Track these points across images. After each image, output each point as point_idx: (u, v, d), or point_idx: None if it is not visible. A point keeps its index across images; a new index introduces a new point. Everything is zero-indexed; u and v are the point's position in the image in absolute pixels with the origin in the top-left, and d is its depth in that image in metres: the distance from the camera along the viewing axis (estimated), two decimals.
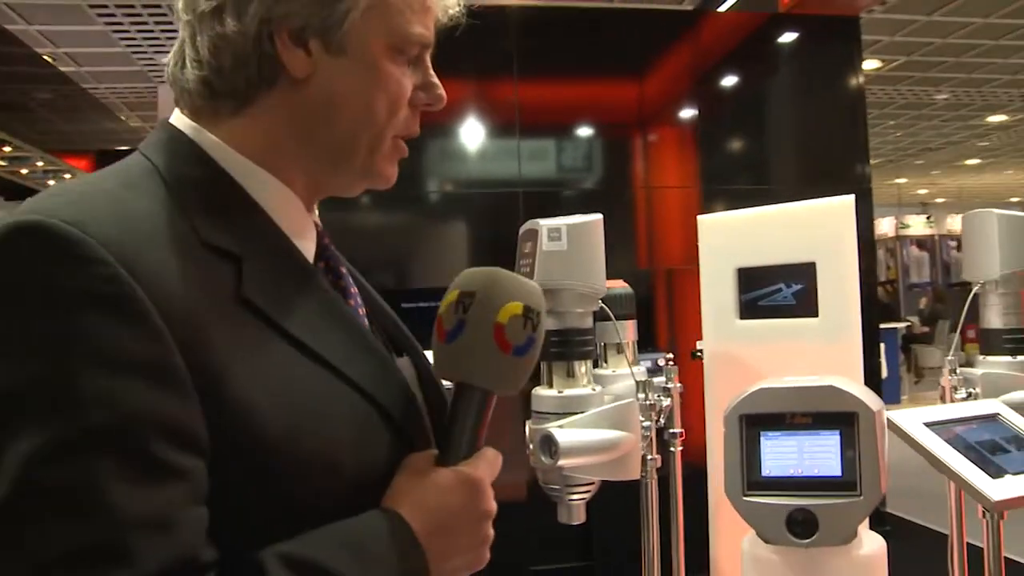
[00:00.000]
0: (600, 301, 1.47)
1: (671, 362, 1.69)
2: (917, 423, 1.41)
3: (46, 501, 0.60)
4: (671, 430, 1.65)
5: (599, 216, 1.43)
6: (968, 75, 9.27)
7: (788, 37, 5.16)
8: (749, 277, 1.65)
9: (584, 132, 4.91)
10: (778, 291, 1.62)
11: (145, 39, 7.21)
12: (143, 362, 0.65)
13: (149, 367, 0.65)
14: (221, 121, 0.82)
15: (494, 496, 0.82)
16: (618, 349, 1.71)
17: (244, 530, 0.69)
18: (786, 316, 1.60)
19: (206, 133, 0.82)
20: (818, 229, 1.58)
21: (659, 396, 1.56)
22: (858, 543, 1.15)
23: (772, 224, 1.65)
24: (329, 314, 0.82)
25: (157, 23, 6.80)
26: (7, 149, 6.78)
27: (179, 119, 0.84)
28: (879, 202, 12.70)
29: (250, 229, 0.79)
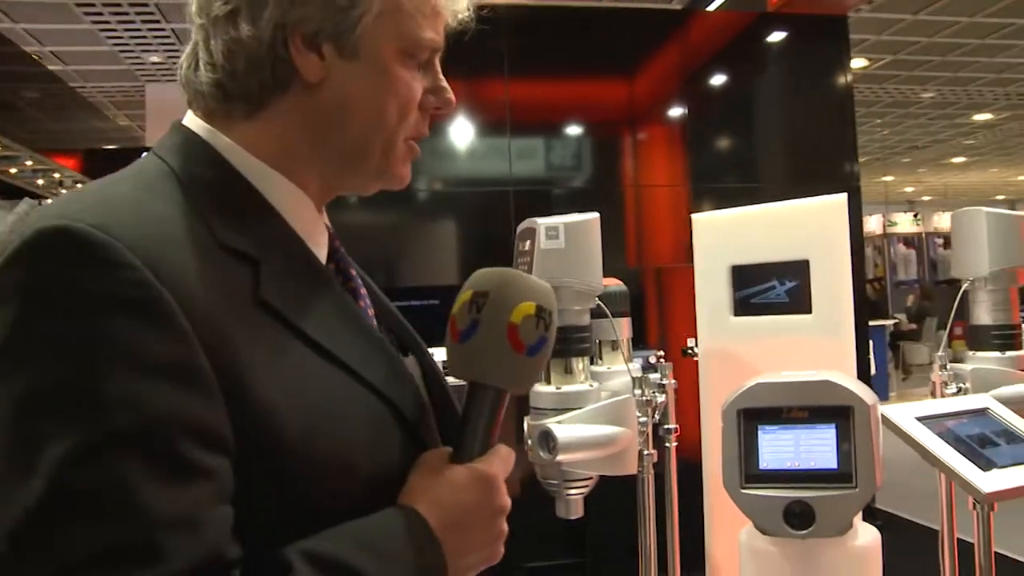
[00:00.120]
0: (597, 298, 1.48)
1: (663, 359, 1.71)
2: (909, 417, 1.43)
3: (77, 503, 0.61)
4: (666, 426, 1.66)
5: (596, 215, 1.45)
6: (954, 74, 9.35)
7: (776, 36, 5.19)
8: (743, 275, 1.67)
9: (574, 131, 4.93)
10: (772, 288, 1.64)
11: (132, 38, 7.19)
12: (169, 364, 0.65)
13: (175, 369, 0.66)
14: (235, 124, 0.83)
15: None
16: (613, 346, 1.73)
17: (265, 529, 0.70)
18: (780, 313, 1.61)
19: (220, 135, 0.82)
20: (811, 227, 1.60)
21: (655, 392, 1.58)
22: (853, 534, 1.17)
23: (765, 222, 1.67)
24: (344, 316, 0.83)
25: (144, 22, 6.78)
26: None
27: (192, 121, 0.84)
28: (866, 200, 12.76)
29: (266, 232, 0.80)
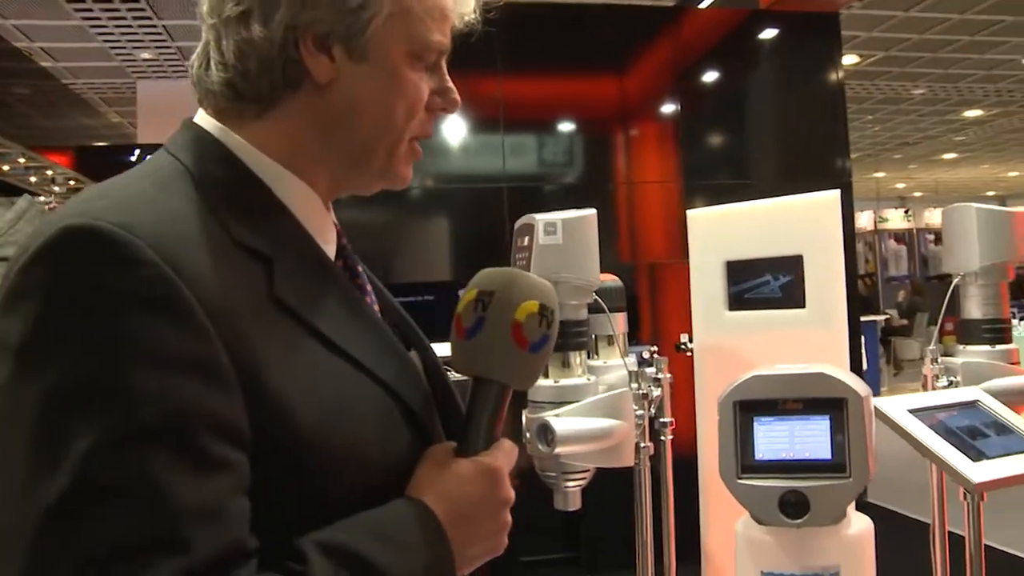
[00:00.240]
0: (594, 294, 1.50)
1: (657, 355, 1.73)
2: (901, 410, 1.45)
3: (103, 495, 0.63)
4: (662, 419, 1.69)
5: (593, 211, 1.47)
6: (945, 70, 9.39)
7: (768, 33, 5.21)
8: (737, 270, 1.69)
9: (568, 127, 4.95)
10: (766, 283, 1.66)
11: (123, 34, 7.16)
12: (190, 360, 0.67)
13: (196, 365, 0.67)
14: (246, 123, 0.84)
15: None
16: (609, 341, 1.75)
17: (280, 520, 0.71)
18: (774, 307, 1.64)
19: (232, 134, 0.84)
20: (805, 223, 1.62)
21: (650, 386, 1.60)
22: (847, 523, 1.20)
23: (760, 218, 1.69)
24: (354, 313, 0.85)
25: (135, 18, 6.76)
26: None
27: (204, 119, 0.86)
28: (857, 196, 12.83)
29: (278, 229, 0.81)
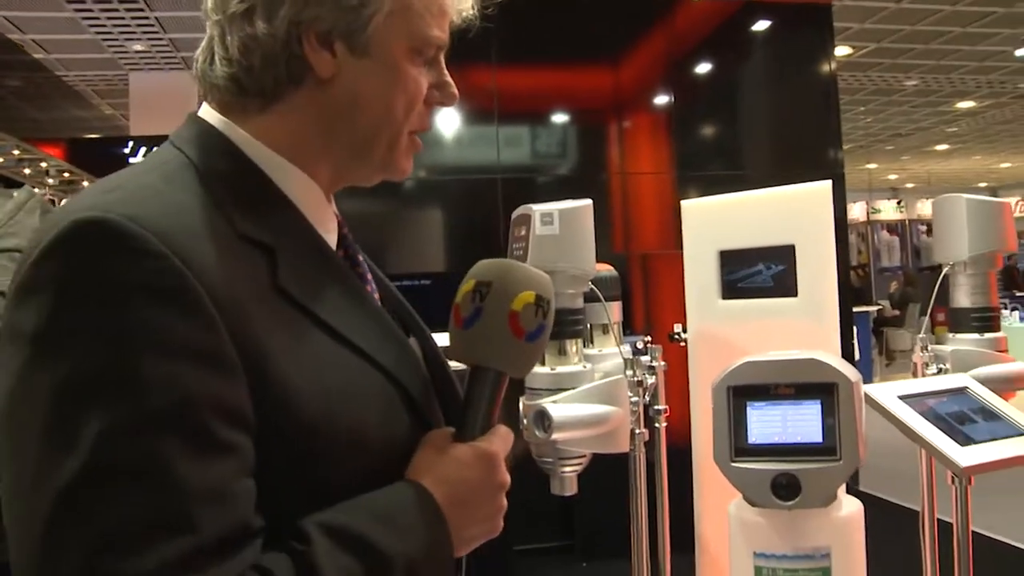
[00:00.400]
0: (589, 283, 1.53)
1: (650, 344, 1.76)
2: (891, 396, 1.48)
3: (114, 478, 0.65)
4: (656, 407, 1.71)
5: (589, 202, 1.49)
6: (937, 62, 9.42)
7: (761, 24, 5.23)
8: (731, 259, 1.71)
9: (562, 118, 4.96)
10: (758, 273, 1.69)
11: (115, 26, 7.14)
12: (199, 348, 0.69)
13: (204, 353, 0.70)
14: (249, 117, 0.86)
15: None
16: (604, 329, 1.77)
17: (283, 502, 0.74)
18: (766, 296, 1.66)
19: (236, 128, 0.86)
20: (797, 213, 1.64)
21: (645, 374, 1.62)
22: (838, 505, 1.22)
23: (753, 208, 1.72)
24: (355, 301, 0.87)
25: (128, 10, 6.74)
26: None
27: (209, 113, 0.88)
28: (850, 187, 12.87)
29: (281, 221, 0.84)
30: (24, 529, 0.66)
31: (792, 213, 1.65)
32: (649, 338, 1.82)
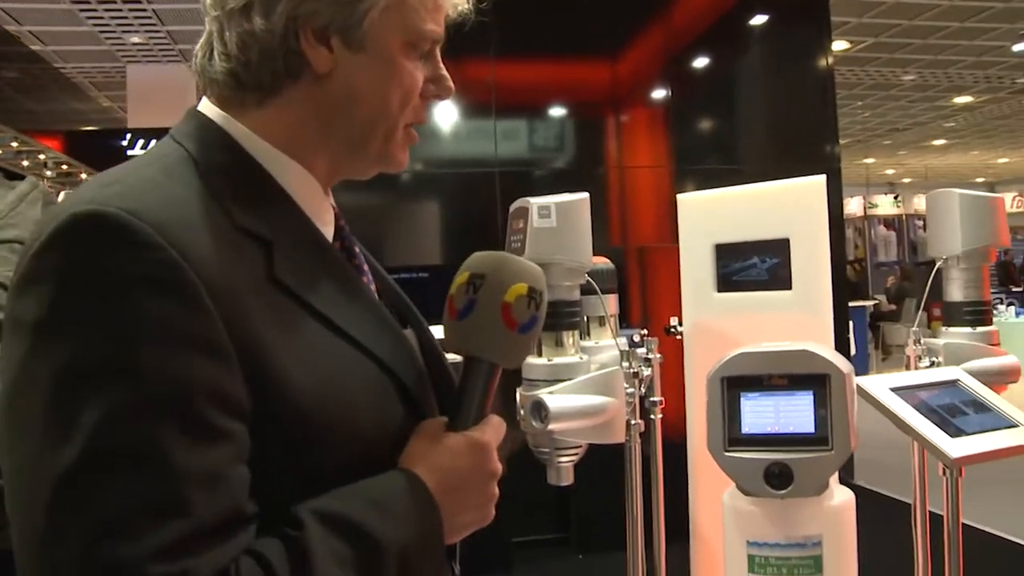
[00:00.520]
0: (586, 275, 1.54)
1: (646, 336, 1.78)
2: (884, 388, 1.50)
3: (114, 461, 0.67)
4: (652, 398, 1.73)
5: (585, 195, 1.51)
6: (935, 56, 9.43)
7: (758, 19, 5.23)
8: (726, 252, 1.73)
9: (559, 112, 4.97)
10: (753, 266, 1.70)
11: (113, 18, 7.14)
12: (195, 337, 0.71)
13: (200, 342, 0.71)
14: (248, 111, 0.88)
15: None
16: (601, 322, 1.79)
17: (277, 489, 0.76)
18: (761, 289, 1.68)
19: (235, 122, 0.87)
20: (791, 207, 1.66)
21: (641, 365, 1.64)
22: (829, 494, 1.24)
23: (748, 202, 1.73)
24: (350, 292, 0.89)
25: (125, 2, 6.74)
26: None
27: (208, 108, 0.89)
28: (847, 182, 12.86)
29: (278, 214, 0.85)
30: (25, 515, 0.68)
31: (787, 207, 1.66)
32: (646, 331, 1.84)
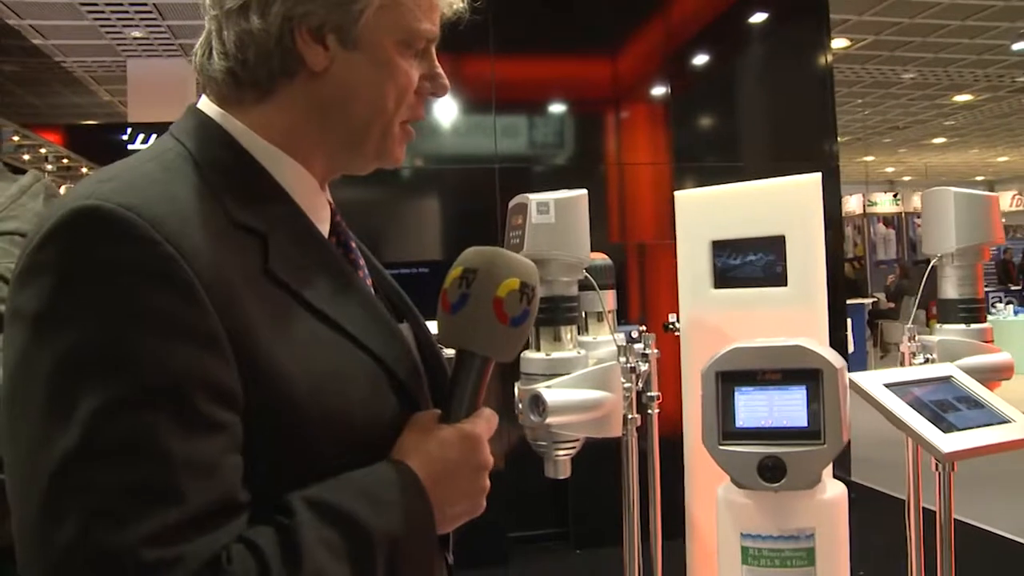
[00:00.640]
0: (584, 271, 1.56)
1: (644, 332, 1.79)
2: (878, 384, 1.52)
3: (108, 451, 0.69)
4: (649, 393, 1.75)
5: (584, 191, 1.52)
6: (935, 55, 9.44)
7: (758, 16, 5.24)
8: (723, 249, 1.75)
9: (559, 108, 4.98)
10: (750, 262, 1.72)
11: (113, 12, 7.14)
12: (191, 329, 0.73)
13: (196, 333, 0.73)
14: (246, 108, 0.90)
15: None
16: (599, 318, 1.81)
17: (270, 478, 0.77)
18: (757, 285, 1.70)
19: (233, 119, 0.89)
20: (787, 204, 1.68)
21: (638, 361, 1.66)
22: (822, 488, 1.26)
23: (744, 199, 1.75)
24: (345, 286, 0.90)
25: None
26: None
27: (207, 105, 0.91)
28: (847, 180, 12.90)
29: (274, 209, 0.87)
30: (24, 503, 0.70)
31: (782, 204, 1.68)
32: (644, 327, 1.86)
